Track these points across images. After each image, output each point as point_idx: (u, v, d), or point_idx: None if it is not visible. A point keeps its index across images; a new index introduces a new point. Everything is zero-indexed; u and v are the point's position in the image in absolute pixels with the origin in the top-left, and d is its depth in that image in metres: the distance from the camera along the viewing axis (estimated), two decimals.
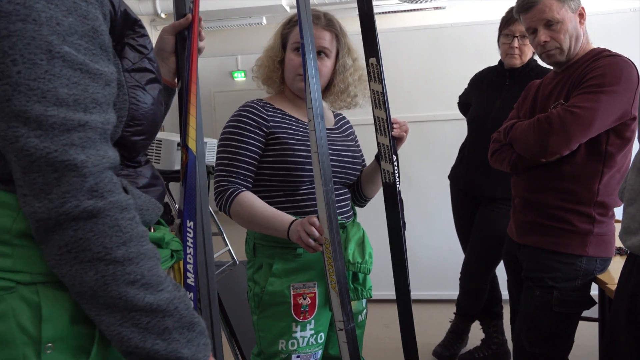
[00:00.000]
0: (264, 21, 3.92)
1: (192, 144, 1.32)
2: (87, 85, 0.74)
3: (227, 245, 2.85)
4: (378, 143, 1.58)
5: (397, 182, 1.57)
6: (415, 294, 1.65)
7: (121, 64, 0.87)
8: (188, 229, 1.29)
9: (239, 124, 1.53)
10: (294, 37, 1.59)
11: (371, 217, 2.48)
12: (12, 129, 0.70)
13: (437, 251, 3.76)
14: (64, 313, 0.76)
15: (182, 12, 1.23)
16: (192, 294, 1.23)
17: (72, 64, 0.73)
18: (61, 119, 0.71)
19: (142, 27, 0.92)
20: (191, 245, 1.18)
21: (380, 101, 1.55)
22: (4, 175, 0.76)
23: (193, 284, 1.22)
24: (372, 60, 1.54)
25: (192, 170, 1.28)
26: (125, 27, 0.88)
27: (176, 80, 1.25)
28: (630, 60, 1.68)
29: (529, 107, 1.89)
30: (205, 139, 3.40)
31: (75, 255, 0.72)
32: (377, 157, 1.61)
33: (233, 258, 2.80)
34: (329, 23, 1.60)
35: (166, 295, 0.77)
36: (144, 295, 0.75)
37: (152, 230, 0.99)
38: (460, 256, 2.87)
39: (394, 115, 1.60)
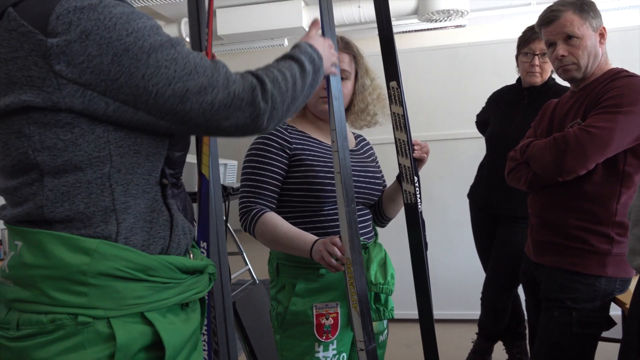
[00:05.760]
0: (286, 43, 4.00)
1: (205, 171, 1.43)
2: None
3: (247, 264, 2.89)
4: (399, 164, 1.59)
5: (419, 203, 1.59)
6: (436, 313, 1.66)
7: None
8: (202, 250, 1.38)
9: (263, 146, 1.57)
10: None
11: (392, 237, 2.48)
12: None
13: (458, 270, 3.73)
14: (135, 341, 0.83)
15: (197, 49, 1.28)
16: None
17: None
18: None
19: None
20: None
21: (401, 123, 1.57)
22: (75, 218, 0.83)
23: (207, 299, 1.26)
24: (393, 83, 1.57)
25: (205, 194, 1.41)
26: None
27: None
28: None
29: (545, 126, 1.90)
30: (225, 161, 3.46)
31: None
32: (399, 178, 1.64)
33: (253, 277, 2.83)
34: (346, 45, 1.64)
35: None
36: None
37: (191, 257, 1.03)
38: (482, 275, 2.84)
39: (413, 133, 1.62)
